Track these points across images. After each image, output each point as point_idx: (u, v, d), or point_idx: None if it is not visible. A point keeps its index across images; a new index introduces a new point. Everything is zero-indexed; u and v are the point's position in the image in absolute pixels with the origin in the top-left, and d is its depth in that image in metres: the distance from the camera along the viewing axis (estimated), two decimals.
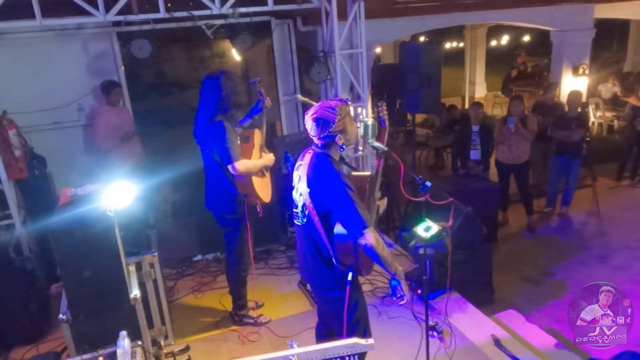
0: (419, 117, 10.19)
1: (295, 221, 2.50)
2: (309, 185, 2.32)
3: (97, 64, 5.24)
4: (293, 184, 2.52)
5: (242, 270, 3.67)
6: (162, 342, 3.38)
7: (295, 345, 1.87)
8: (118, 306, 2.69)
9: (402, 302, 2.39)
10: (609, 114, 9.65)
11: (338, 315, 2.43)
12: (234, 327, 3.76)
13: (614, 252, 5.56)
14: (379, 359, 3.29)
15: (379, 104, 2.73)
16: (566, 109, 6.35)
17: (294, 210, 2.48)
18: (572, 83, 7.48)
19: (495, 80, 14.25)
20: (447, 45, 17.97)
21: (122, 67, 5.25)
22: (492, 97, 13.54)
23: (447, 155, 8.57)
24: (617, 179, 7.61)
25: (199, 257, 4.88)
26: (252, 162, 3.32)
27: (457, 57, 16.47)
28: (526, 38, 16.47)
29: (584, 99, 7.64)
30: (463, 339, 3.48)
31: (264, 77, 7.04)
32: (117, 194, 2.96)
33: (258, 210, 3.51)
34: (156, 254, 3.41)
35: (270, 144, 4.27)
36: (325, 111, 2.29)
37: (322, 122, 2.28)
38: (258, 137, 3.50)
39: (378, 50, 12.44)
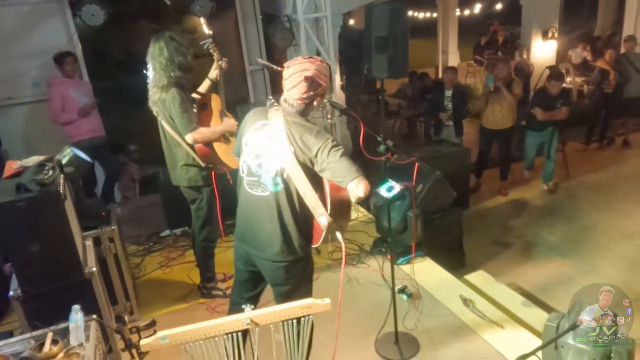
0: (392, 88, 10.16)
1: (252, 191, 2.29)
2: (292, 145, 2.14)
3: (50, 35, 4.99)
4: (247, 149, 2.31)
5: (209, 241, 3.59)
6: (126, 318, 3.29)
7: (249, 308, 1.80)
8: (72, 281, 2.58)
9: None
10: (578, 79, 9.69)
11: (294, 280, 2.39)
12: (202, 300, 3.70)
13: (582, 213, 5.64)
14: (349, 325, 3.29)
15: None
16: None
17: (251, 179, 2.29)
18: (542, 46, 7.47)
19: (468, 50, 14.22)
20: (420, 15, 17.88)
21: (76, 38, 5.00)
22: (466, 66, 13.55)
23: (421, 124, 8.54)
24: (585, 143, 7.71)
25: (167, 232, 4.77)
26: (211, 129, 3.19)
27: (430, 28, 16.39)
28: (498, 6, 16.44)
29: (553, 62, 7.68)
30: (432, 300, 3.49)
31: (233, 50, 6.84)
32: (65, 164, 2.84)
33: (228, 177, 3.35)
34: (116, 227, 3.30)
35: (233, 112, 4.13)
36: (320, 73, 2.14)
37: (314, 83, 2.12)
38: (216, 102, 3.36)
39: (352, 22, 12.25)
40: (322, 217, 2.18)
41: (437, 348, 3.02)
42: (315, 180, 2.18)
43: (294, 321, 1.83)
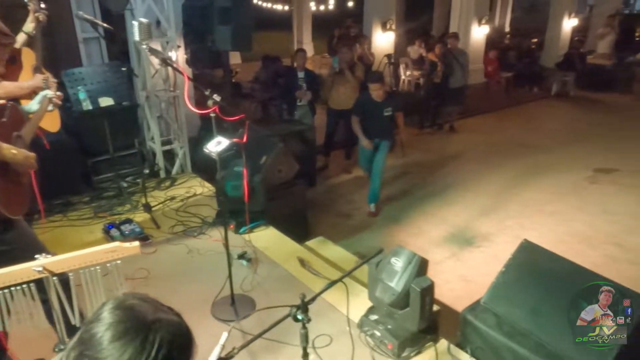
0: (248, 75, 10.13)
1: None
2: None
3: None
4: None
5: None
6: None
7: (42, 257, 1.62)
8: None
9: None
10: (416, 73, 10.74)
11: None
12: None
13: (413, 186, 6.26)
14: (189, 293, 3.20)
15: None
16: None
17: None
18: (382, 37, 8.09)
19: (323, 44, 14.86)
20: (277, 7, 18.18)
21: None
22: (320, 58, 14.09)
23: (275, 108, 8.64)
24: (420, 128, 8.57)
25: None
26: (17, 84, 2.80)
27: (286, 21, 16.77)
28: (351, 3, 17.45)
29: (392, 52, 8.34)
30: (272, 264, 3.56)
31: (64, 17, 6.14)
32: None
33: (44, 142, 2.97)
34: None
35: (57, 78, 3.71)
36: None
37: None
38: (29, 56, 2.97)
39: None
40: None
41: (273, 305, 3.08)
42: None
43: (97, 269, 1.70)
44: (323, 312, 2.99)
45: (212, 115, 2.50)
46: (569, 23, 12.27)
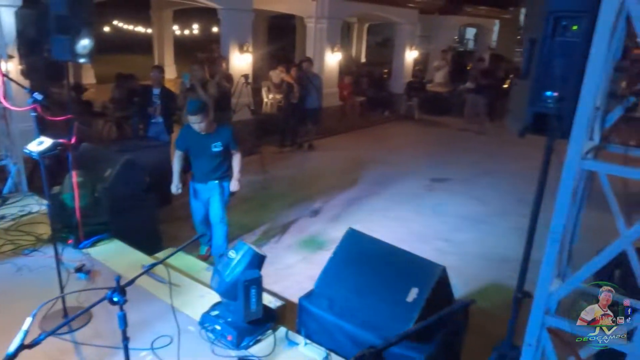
0: (104, 96, 9.62)
1: None
2: None
3: None
4: None
5: None
6: None
7: None
8: None
9: None
10: (277, 96, 11.20)
11: None
12: None
13: (272, 199, 6.48)
14: (13, 311, 2.95)
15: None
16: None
17: None
18: (239, 58, 8.35)
19: (187, 67, 14.77)
20: (136, 29, 17.64)
21: None
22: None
23: (129, 127, 8.33)
24: (280, 146, 8.92)
25: None
26: None
27: (146, 43, 16.36)
28: (215, 29, 17.64)
29: (250, 79, 8.62)
30: (113, 275, 3.42)
31: None
32: None
33: None
34: None
35: None
36: None
37: None
38: None
39: None
40: None
41: (112, 316, 2.97)
42: None
43: None
44: (164, 314, 2.98)
45: (33, 114, 2.40)
46: (411, 55, 13.82)
